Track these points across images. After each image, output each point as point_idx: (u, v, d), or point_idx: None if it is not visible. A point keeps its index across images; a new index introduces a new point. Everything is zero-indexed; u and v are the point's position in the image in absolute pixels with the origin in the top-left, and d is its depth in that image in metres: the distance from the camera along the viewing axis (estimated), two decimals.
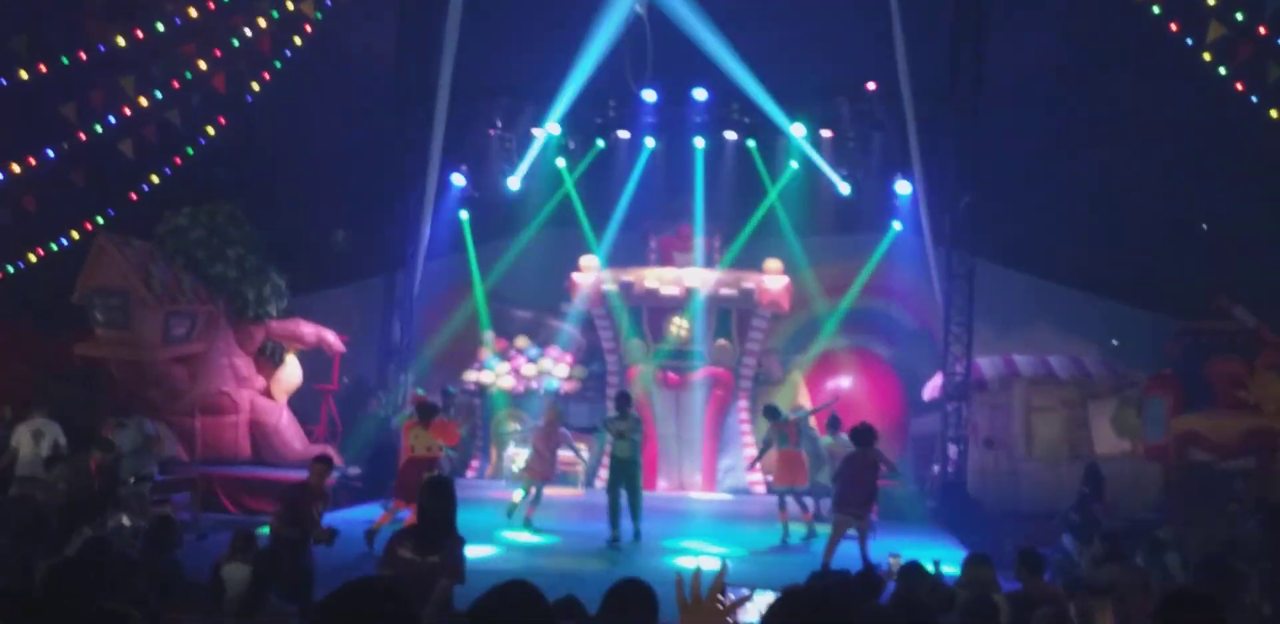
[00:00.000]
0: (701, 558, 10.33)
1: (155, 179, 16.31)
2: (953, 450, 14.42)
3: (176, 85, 15.53)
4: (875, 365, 17.24)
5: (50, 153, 14.81)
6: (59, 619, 4.00)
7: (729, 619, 2.30)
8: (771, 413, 12.62)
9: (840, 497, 10.47)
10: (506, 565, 9.58)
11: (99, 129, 14.97)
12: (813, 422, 13.19)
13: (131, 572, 6.23)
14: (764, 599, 2.63)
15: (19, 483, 10.88)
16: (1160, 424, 14.10)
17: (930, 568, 6.70)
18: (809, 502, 12.23)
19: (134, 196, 16.24)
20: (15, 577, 5.88)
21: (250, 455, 15.54)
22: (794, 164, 17.17)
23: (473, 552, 7.68)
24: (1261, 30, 14.02)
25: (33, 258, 15.53)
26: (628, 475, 11.34)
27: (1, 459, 11.40)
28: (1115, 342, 16.79)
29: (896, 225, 16.98)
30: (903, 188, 16.25)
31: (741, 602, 2.34)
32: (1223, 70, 14.48)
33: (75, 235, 15.73)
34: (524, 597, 2.60)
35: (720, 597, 2.30)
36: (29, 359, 15.21)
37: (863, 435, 10.53)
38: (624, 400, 11.88)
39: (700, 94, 16.29)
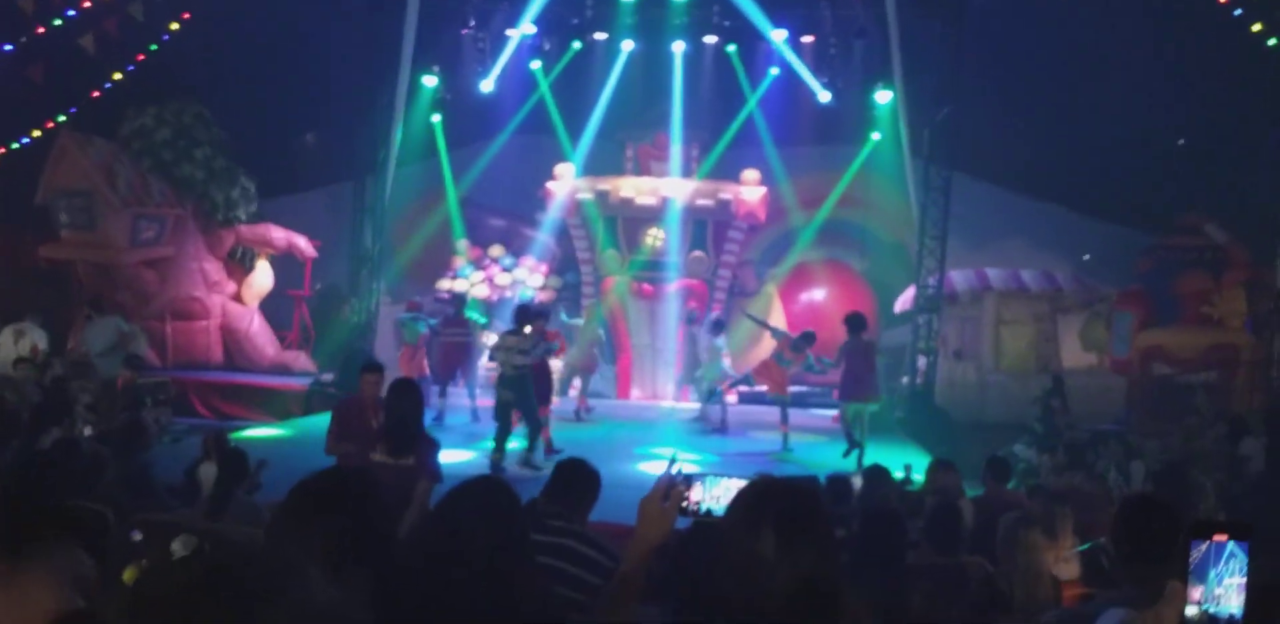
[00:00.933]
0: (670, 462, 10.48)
1: (118, 76, 15.80)
2: (922, 362, 14.58)
3: None
4: (849, 277, 17.30)
5: (8, 47, 14.28)
6: (31, 516, 3.99)
7: (682, 502, 2.36)
8: (809, 340, 12.16)
9: (853, 384, 10.97)
10: (482, 470, 9.65)
11: (58, 23, 14.41)
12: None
13: (102, 472, 6.24)
14: (734, 484, 2.66)
15: None
16: (1127, 338, 14.33)
17: (901, 473, 6.82)
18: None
19: (96, 94, 15.75)
20: None
21: (222, 361, 15.51)
22: (774, 70, 16.86)
23: (450, 456, 7.73)
24: None
25: None
26: (518, 392, 10.06)
27: None
28: (1087, 256, 16.89)
29: (875, 136, 16.81)
30: (883, 98, 16.02)
31: (686, 484, 2.38)
32: None
33: (36, 134, 15.30)
34: (490, 488, 2.59)
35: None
36: None
37: (857, 322, 11.05)
38: (523, 315, 10.43)
39: None
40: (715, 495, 3.17)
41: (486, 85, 16.89)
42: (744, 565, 2.01)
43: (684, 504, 3.01)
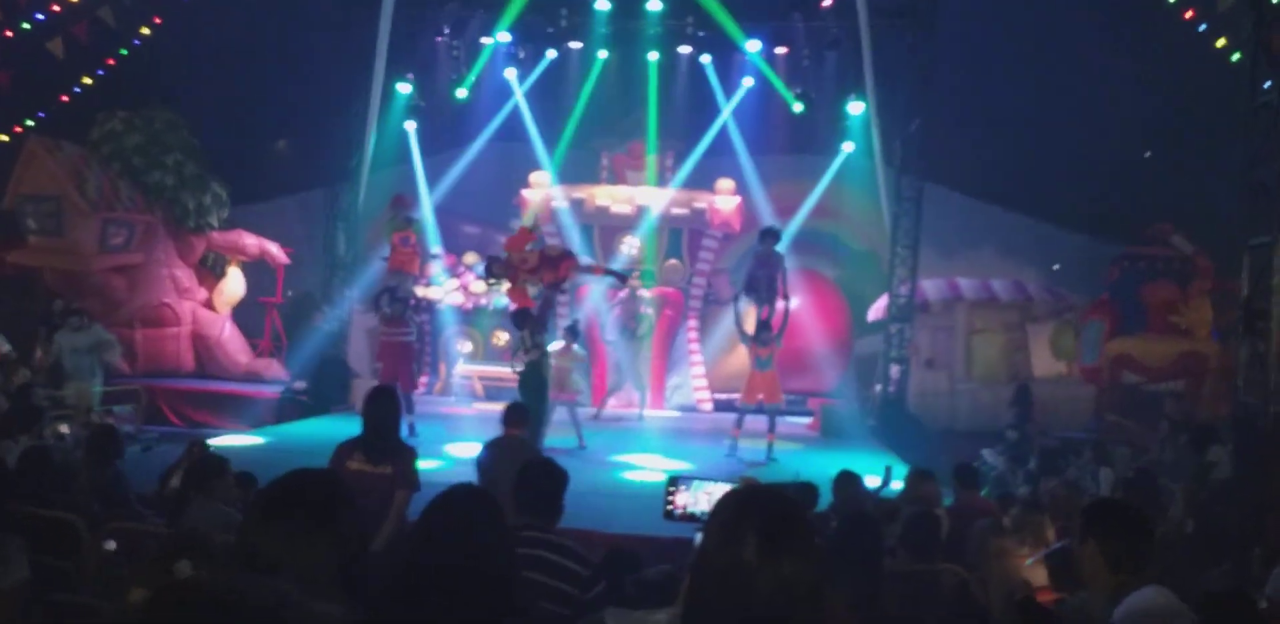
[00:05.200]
0: (649, 472, 10.49)
1: (87, 81, 15.66)
2: (895, 370, 14.69)
3: None
4: (822, 286, 17.37)
5: None
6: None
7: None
8: (766, 327, 12.06)
9: None
10: (455, 478, 9.62)
11: (26, 26, 14.27)
12: None
13: (73, 481, 6.17)
14: (719, 489, 2.63)
15: None
16: (1096, 347, 14.50)
17: (881, 477, 6.81)
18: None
19: (65, 99, 15.60)
20: None
21: (193, 368, 15.37)
22: (748, 81, 16.95)
23: (420, 465, 7.69)
24: None
25: None
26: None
27: None
28: (1056, 266, 17.08)
29: (848, 146, 16.92)
30: (855, 109, 16.15)
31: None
32: None
33: (4, 138, 15.14)
34: (473, 498, 2.59)
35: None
36: None
37: None
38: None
39: (654, 5, 15.85)
40: (700, 499, 3.19)
41: (461, 93, 16.85)
42: (726, 570, 2.02)
43: (670, 508, 3.02)
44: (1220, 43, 14.30)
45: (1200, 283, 14.25)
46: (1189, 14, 14.47)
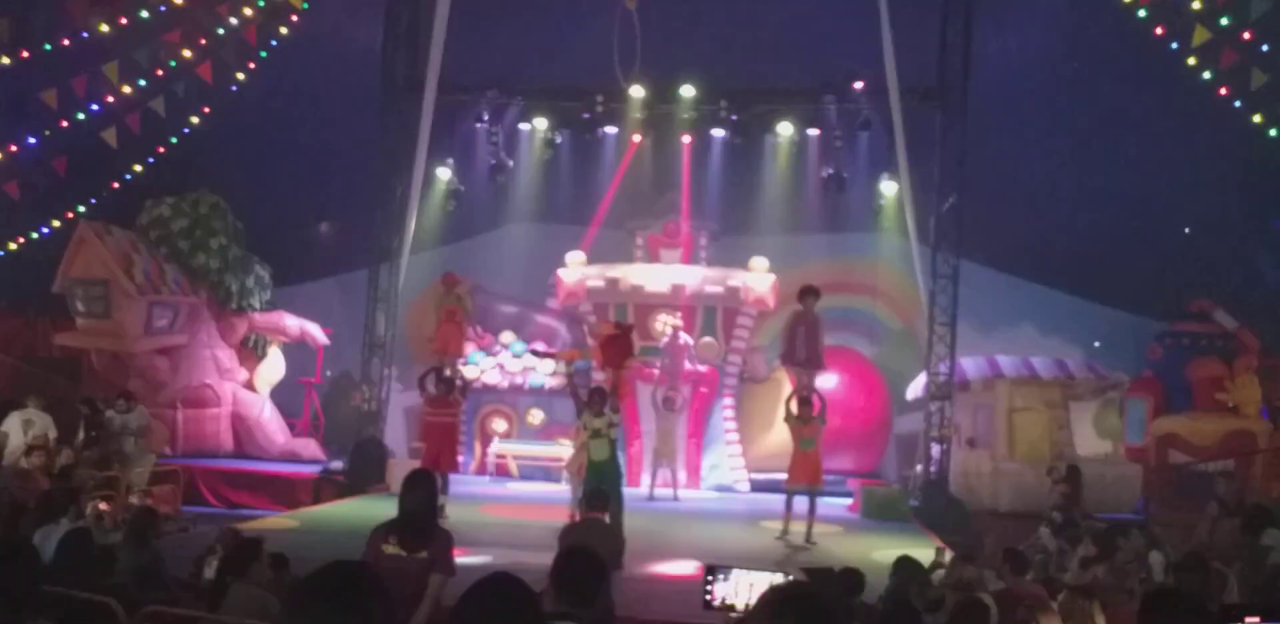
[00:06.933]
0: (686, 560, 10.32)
1: (138, 168, 16.16)
2: (935, 450, 14.47)
3: (160, 73, 15.37)
4: (859, 365, 17.26)
5: (31, 140, 14.63)
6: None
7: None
8: (806, 404, 11.93)
9: None
10: (493, 562, 9.52)
11: (81, 116, 14.80)
12: None
13: (112, 562, 6.17)
14: (758, 578, 2.53)
15: (5, 474, 10.78)
16: (1141, 426, 14.23)
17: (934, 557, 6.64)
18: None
19: (116, 185, 16.09)
20: None
21: (232, 448, 15.45)
22: (781, 162, 17.18)
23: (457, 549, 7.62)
24: (1245, 35, 14.09)
25: (13, 246, 15.36)
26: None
27: None
28: (1097, 343, 16.87)
29: (882, 225, 17.00)
30: (889, 188, 16.28)
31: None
32: (1207, 75, 14.55)
33: (56, 224, 15.57)
34: (509, 587, 2.57)
35: None
36: (9, 348, 15.10)
37: None
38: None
39: (688, 91, 16.26)
40: (739, 590, 3.13)
41: (499, 176, 17.23)
42: None
43: (708, 598, 2.97)
44: (1257, 119, 14.36)
45: (1246, 359, 14.02)
46: (1223, 90, 14.56)
